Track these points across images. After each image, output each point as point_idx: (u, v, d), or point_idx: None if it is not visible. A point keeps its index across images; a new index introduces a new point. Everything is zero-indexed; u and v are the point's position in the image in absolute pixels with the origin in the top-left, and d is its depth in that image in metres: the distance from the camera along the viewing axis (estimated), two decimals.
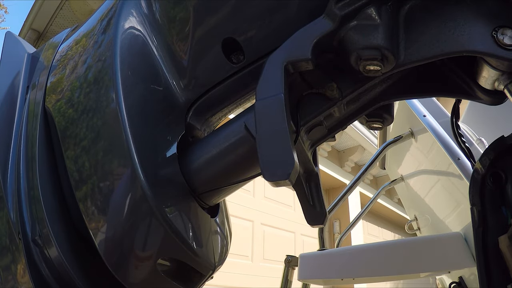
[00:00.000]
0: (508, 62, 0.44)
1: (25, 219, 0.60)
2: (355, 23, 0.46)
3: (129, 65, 0.57)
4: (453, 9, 0.46)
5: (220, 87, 0.62)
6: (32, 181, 0.61)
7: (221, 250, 0.68)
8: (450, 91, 0.59)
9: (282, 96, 0.43)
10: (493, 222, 0.63)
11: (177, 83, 0.63)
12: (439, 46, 0.46)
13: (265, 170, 0.41)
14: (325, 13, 0.46)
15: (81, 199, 0.55)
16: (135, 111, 0.55)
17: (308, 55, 0.45)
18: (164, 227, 0.53)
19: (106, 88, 0.56)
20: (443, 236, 1.33)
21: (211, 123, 0.71)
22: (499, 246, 0.61)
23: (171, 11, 0.62)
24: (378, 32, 0.45)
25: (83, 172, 0.55)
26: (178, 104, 0.63)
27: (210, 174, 0.60)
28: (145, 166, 0.52)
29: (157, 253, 0.55)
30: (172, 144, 0.59)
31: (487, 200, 0.65)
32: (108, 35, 0.60)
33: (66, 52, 0.70)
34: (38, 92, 0.68)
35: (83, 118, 0.57)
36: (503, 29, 0.43)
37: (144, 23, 0.62)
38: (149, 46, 0.62)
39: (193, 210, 0.60)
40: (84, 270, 0.59)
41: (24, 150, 0.64)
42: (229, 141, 0.58)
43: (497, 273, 0.61)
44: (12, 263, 0.61)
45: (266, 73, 0.46)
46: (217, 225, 0.69)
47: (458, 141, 0.83)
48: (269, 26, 0.55)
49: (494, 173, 0.64)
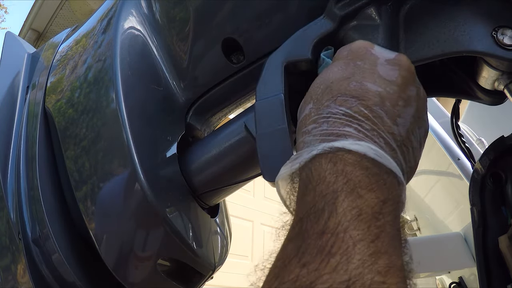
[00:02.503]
0: (508, 62, 0.44)
1: (25, 219, 0.60)
2: (355, 23, 0.46)
3: (129, 65, 0.57)
4: (453, 9, 0.46)
5: (220, 87, 0.62)
6: (32, 181, 0.61)
7: (221, 250, 0.69)
8: (450, 91, 0.59)
9: (282, 96, 0.43)
10: (493, 222, 0.64)
11: (177, 83, 0.63)
12: (439, 46, 0.46)
13: (265, 170, 0.41)
14: (325, 13, 0.46)
15: (81, 199, 0.55)
16: (135, 111, 0.55)
17: (308, 55, 0.45)
18: (164, 227, 0.53)
19: (106, 88, 0.56)
20: (443, 236, 1.33)
21: (211, 123, 0.71)
22: (499, 246, 0.61)
23: (171, 11, 0.62)
24: (378, 32, 0.45)
25: (83, 172, 0.55)
26: (178, 104, 0.63)
27: (210, 174, 0.60)
28: (145, 166, 0.52)
29: (157, 253, 0.55)
30: (172, 144, 0.59)
31: (487, 200, 0.65)
32: (108, 35, 0.60)
33: (66, 52, 0.70)
34: (38, 92, 0.68)
35: (83, 118, 0.57)
36: (503, 29, 0.43)
37: (144, 23, 0.62)
38: (149, 46, 0.62)
39: (193, 210, 0.60)
40: (84, 270, 0.59)
41: (24, 150, 0.64)
42: (229, 141, 0.58)
43: (497, 273, 0.61)
44: (12, 263, 0.61)
45: (266, 73, 0.46)
46: (217, 225, 0.69)
47: (458, 141, 0.83)
48: (269, 26, 0.55)
49: (494, 173, 0.64)
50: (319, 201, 0.28)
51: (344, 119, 0.33)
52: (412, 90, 0.37)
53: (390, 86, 0.35)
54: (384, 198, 0.29)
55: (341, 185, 0.28)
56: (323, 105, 0.35)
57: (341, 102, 0.34)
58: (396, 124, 0.34)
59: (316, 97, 0.37)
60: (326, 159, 0.31)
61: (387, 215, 0.28)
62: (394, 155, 0.33)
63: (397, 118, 0.34)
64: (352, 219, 0.26)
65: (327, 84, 0.37)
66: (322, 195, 0.29)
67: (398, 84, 0.36)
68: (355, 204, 0.27)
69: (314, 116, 0.35)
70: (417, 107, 0.37)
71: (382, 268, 0.24)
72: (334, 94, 0.35)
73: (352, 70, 0.37)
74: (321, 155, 0.31)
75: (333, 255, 0.24)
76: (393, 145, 0.33)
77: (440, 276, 1.44)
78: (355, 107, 0.33)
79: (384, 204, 0.28)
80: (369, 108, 0.33)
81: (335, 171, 0.29)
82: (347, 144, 0.31)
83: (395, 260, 0.25)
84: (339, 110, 0.34)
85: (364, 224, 0.26)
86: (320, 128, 0.34)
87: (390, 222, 0.28)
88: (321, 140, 0.33)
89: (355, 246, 0.25)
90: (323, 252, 0.25)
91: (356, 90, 0.35)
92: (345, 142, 0.31)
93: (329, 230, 0.26)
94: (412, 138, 0.35)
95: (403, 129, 0.34)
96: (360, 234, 0.25)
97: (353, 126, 0.33)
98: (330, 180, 0.29)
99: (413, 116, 0.36)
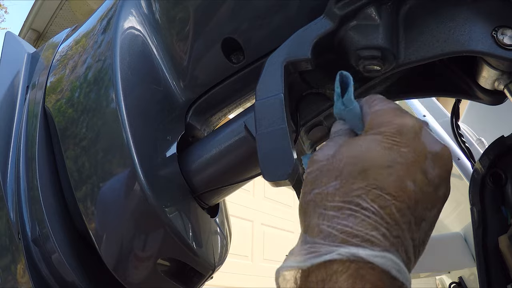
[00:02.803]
0: (508, 62, 0.44)
1: (25, 220, 0.60)
2: (355, 23, 0.46)
3: (129, 65, 0.57)
4: (453, 9, 0.46)
5: (220, 87, 0.62)
6: (31, 181, 0.61)
7: (221, 250, 0.68)
8: (450, 91, 0.59)
9: (282, 96, 0.43)
10: (493, 222, 0.63)
11: (177, 83, 0.63)
12: (439, 46, 0.46)
13: (265, 170, 0.41)
14: (325, 13, 0.46)
15: (81, 199, 0.55)
16: (135, 111, 0.55)
17: (308, 55, 0.45)
18: (164, 227, 0.53)
19: (106, 88, 0.56)
20: (443, 236, 1.33)
21: (211, 123, 0.71)
22: (499, 246, 0.61)
23: (171, 11, 0.62)
24: (378, 32, 0.45)
25: (83, 172, 0.55)
26: (178, 104, 0.63)
27: (210, 174, 0.60)
28: (145, 166, 0.52)
29: (156, 253, 0.55)
30: (172, 144, 0.59)
31: (487, 200, 0.65)
32: (108, 35, 0.60)
33: (66, 52, 0.70)
34: (38, 92, 0.68)
35: (83, 118, 0.57)
36: (503, 29, 0.43)
37: (144, 23, 0.62)
38: (149, 46, 0.62)
39: (193, 210, 0.60)
40: (84, 270, 0.59)
41: (24, 150, 0.64)
42: (229, 141, 0.58)
43: (497, 273, 0.61)
44: (12, 263, 0.61)
45: (266, 73, 0.46)
46: (217, 225, 0.69)
47: (458, 141, 0.83)
48: (269, 26, 0.55)
49: (494, 173, 0.64)
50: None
51: (373, 220, 0.29)
52: (443, 191, 0.33)
53: (427, 186, 0.31)
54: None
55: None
56: (353, 193, 0.30)
57: (375, 197, 0.29)
58: (419, 229, 0.30)
59: (345, 176, 0.31)
60: (344, 270, 0.27)
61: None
62: (408, 264, 0.30)
63: (422, 222, 0.31)
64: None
65: (363, 167, 0.31)
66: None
67: (435, 185, 0.32)
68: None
69: (338, 202, 0.30)
70: (439, 208, 0.33)
71: None
72: (369, 183, 0.30)
73: (396, 158, 0.31)
74: (340, 262, 0.27)
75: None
76: (410, 254, 0.30)
77: (440, 276, 1.44)
78: (388, 208, 0.29)
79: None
80: (401, 212, 0.29)
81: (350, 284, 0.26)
82: (372, 257, 0.27)
83: None
84: (370, 207, 0.29)
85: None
86: (344, 222, 0.29)
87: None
88: (342, 240, 0.28)
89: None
90: None
91: (394, 187, 0.30)
92: (371, 252, 0.27)
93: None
94: (426, 240, 0.32)
95: (424, 233, 0.31)
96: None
97: (381, 231, 0.28)
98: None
99: (435, 217, 0.32)
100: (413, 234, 0.30)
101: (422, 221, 0.31)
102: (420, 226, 0.30)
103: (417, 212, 0.30)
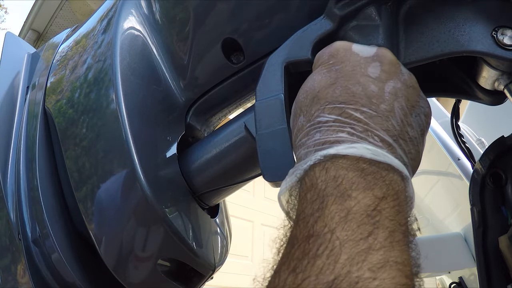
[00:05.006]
0: (508, 62, 0.44)
1: (25, 220, 0.60)
2: (355, 23, 0.46)
3: (129, 66, 0.57)
4: (453, 9, 0.46)
5: (220, 87, 0.62)
6: (32, 182, 0.61)
7: (221, 251, 0.68)
8: (450, 91, 0.59)
9: (282, 96, 0.43)
10: (493, 222, 0.64)
11: (177, 83, 0.63)
12: (439, 46, 0.46)
13: (265, 170, 0.41)
14: (325, 13, 0.46)
15: (81, 199, 0.55)
16: (135, 111, 0.55)
17: (308, 55, 0.45)
18: (164, 228, 0.53)
19: (106, 88, 0.56)
20: (443, 236, 1.33)
21: (211, 123, 0.71)
22: (499, 246, 0.61)
23: (171, 11, 0.62)
24: (378, 32, 0.45)
25: (83, 172, 0.55)
26: (178, 104, 0.63)
27: (210, 174, 0.60)
28: (145, 167, 0.52)
29: (157, 254, 0.55)
30: (172, 145, 0.59)
31: (487, 200, 0.65)
32: (108, 35, 0.60)
33: (66, 53, 0.70)
34: (38, 92, 0.69)
35: (83, 119, 0.57)
36: (503, 29, 0.43)
37: (144, 23, 0.62)
38: (149, 46, 0.62)
39: (193, 210, 0.60)
40: (84, 270, 0.59)
41: (24, 150, 0.64)
42: (229, 142, 0.58)
43: (497, 273, 0.61)
44: (12, 263, 0.61)
45: (266, 73, 0.46)
46: (217, 226, 0.69)
47: (458, 141, 0.83)
48: (269, 26, 0.55)
49: (494, 173, 0.64)
50: (307, 208, 0.29)
51: (335, 126, 0.33)
52: (397, 82, 0.37)
53: (374, 83, 0.36)
54: (382, 195, 0.29)
55: (331, 190, 0.29)
56: (313, 116, 0.35)
57: (330, 110, 0.34)
58: (388, 120, 0.34)
59: (305, 108, 0.37)
60: (320, 168, 0.31)
61: (386, 210, 0.28)
62: (393, 150, 0.33)
63: (388, 113, 0.34)
64: (340, 220, 0.26)
65: (313, 94, 0.37)
66: (311, 201, 0.29)
67: (382, 80, 0.36)
68: (343, 206, 0.27)
69: (306, 129, 0.35)
70: (407, 97, 0.36)
71: (373, 264, 0.24)
72: (322, 103, 0.35)
73: (335, 75, 0.37)
74: (316, 165, 0.31)
75: (319, 256, 0.25)
76: (389, 140, 0.33)
77: (440, 276, 1.44)
78: (345, 112, 0.34)
79: (381, 200, 0.28)
80: (358, 110, 0.34)
81: (327, 177, 0.30)
82: (341, 150, 0.31)
83: (395, 254, 0.25)
84: (329, 118, 0.34)
85: (354, 224, 0.26)
86: (313, 138, 0.34)
87: (390, 217, 0.28)
88: (315, 150, 0.33)
89: (342, 246, 0.25)
90: (309, 254, 0.25)
91: (342, 96, 0.35)
92: (339, 147, 0.31)
93: (315, 233, 0.26)
94: (407, 129, 0.35)
95: (396, 122, 0.34)
96: (349, 233, 0.26)
97: (345, 131, 0.33)
98: (321, 187, 0.29)
99: (404, 107, 0.35)
100: (383, 124, 0.33)
101: (388, 112, 0.34)
102: (388, 117, 0.34)
103: (375, 106, 0.34)
